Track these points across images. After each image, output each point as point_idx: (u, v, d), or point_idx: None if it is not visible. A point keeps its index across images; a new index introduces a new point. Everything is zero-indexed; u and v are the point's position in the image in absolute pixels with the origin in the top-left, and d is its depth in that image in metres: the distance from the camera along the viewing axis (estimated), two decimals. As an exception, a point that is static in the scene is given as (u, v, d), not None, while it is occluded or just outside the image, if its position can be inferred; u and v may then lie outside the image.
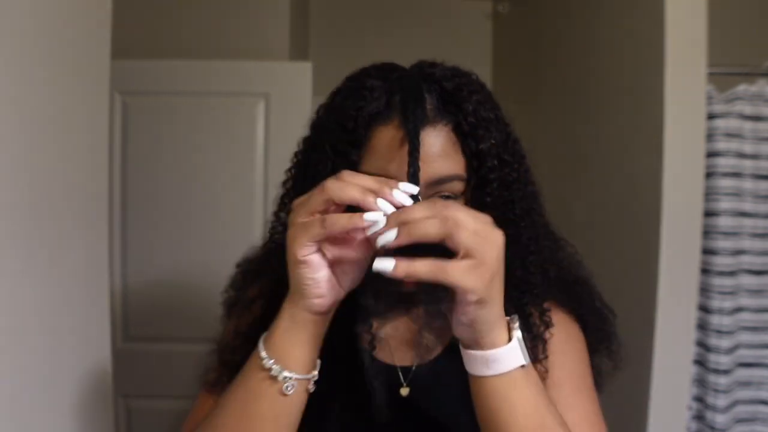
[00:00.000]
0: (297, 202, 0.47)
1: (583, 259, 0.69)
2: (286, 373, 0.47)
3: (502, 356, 0.45)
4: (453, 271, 0.41)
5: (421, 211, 0.42)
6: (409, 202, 0.44)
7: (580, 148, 1.69)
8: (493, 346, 0.45)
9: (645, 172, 1.29)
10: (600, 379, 0.66)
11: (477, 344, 0.46)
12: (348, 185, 0.43)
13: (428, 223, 0.41)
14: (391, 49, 2.38)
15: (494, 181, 0.54)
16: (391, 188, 0.43)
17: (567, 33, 1.82)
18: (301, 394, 0.49)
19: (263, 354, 0.48)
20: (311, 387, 0.50)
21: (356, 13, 2.51)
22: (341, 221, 0.43)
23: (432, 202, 0.44)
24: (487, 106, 0.55)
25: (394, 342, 0.65)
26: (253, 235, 1.69)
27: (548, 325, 0.60)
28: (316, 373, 0.50)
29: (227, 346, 0.62)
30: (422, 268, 0.41)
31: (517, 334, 0.46)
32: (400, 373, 0.63)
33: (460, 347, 0.48)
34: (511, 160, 0.56)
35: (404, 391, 0.62)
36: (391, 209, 0.43)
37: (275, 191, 0.66)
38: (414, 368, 0.63)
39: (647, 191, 1.28)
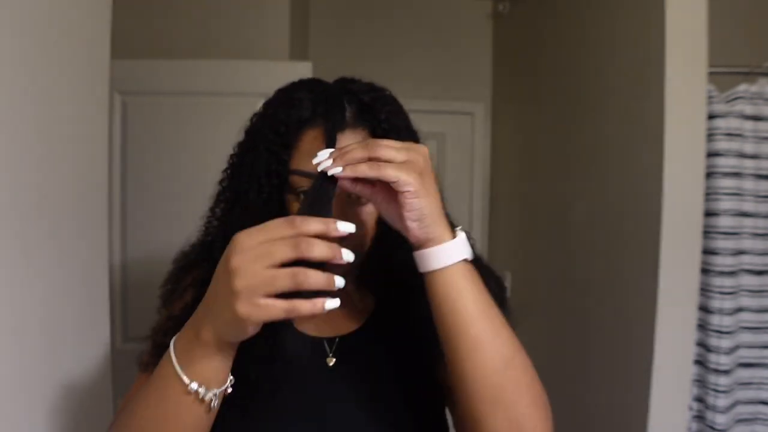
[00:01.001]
0: (245, 240, 0.44)
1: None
2: (211, 393, 0.50)
3: (449, 250, 0.52)
4: (388, 168, 0.49)
5: (359, 152, 0.50)
6: (350, 257, 0.45)
7: (580, 148, 1.69)
8: (440, 242, 0.52)
9: (645, 171, 1.29)
10: None
11: (427, 241, 0.52)
12: (317, 246, 0.44)
13: (364, 166, 0.49)
14: (391, 49, 2.41)
15: None
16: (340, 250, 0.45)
17: (567, 33, 1.82)
18: (220, 400, 0.52)
19: (186, 380, 0.49)
20: (229, 390, 0.52)
21: (356, 13, 2.51)
22: (305, 307, 0.44)
23: (365, 144, 0.51)
24: (398, 116, 0.65)
25: (320, 315, 0.67)
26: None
27: None
28: (232, 377, 0.52)
29: (160, 329, 0.65)
30: (364, 167, 0.49)
31: (461, 234, 0.54)
32: (326, 345, 0.67)
33: (414, 254, 0.54)
34: None
35: (330, 361, 0.66)
36: (341, 284, 0.45)
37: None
38: (338, 339, 0.68)
39: (647, 191, 1.28)
